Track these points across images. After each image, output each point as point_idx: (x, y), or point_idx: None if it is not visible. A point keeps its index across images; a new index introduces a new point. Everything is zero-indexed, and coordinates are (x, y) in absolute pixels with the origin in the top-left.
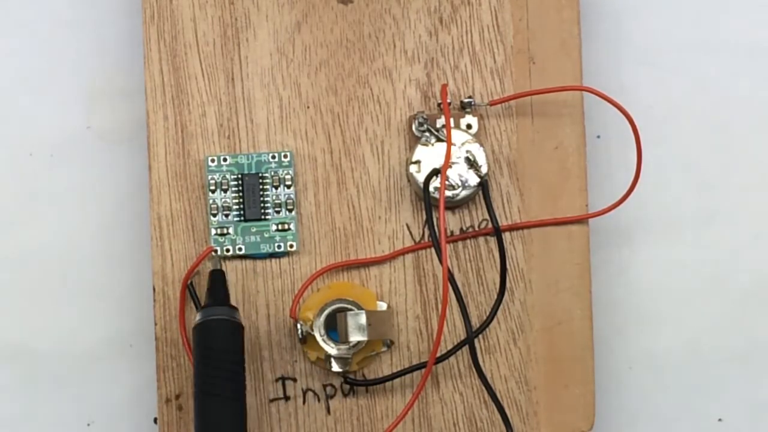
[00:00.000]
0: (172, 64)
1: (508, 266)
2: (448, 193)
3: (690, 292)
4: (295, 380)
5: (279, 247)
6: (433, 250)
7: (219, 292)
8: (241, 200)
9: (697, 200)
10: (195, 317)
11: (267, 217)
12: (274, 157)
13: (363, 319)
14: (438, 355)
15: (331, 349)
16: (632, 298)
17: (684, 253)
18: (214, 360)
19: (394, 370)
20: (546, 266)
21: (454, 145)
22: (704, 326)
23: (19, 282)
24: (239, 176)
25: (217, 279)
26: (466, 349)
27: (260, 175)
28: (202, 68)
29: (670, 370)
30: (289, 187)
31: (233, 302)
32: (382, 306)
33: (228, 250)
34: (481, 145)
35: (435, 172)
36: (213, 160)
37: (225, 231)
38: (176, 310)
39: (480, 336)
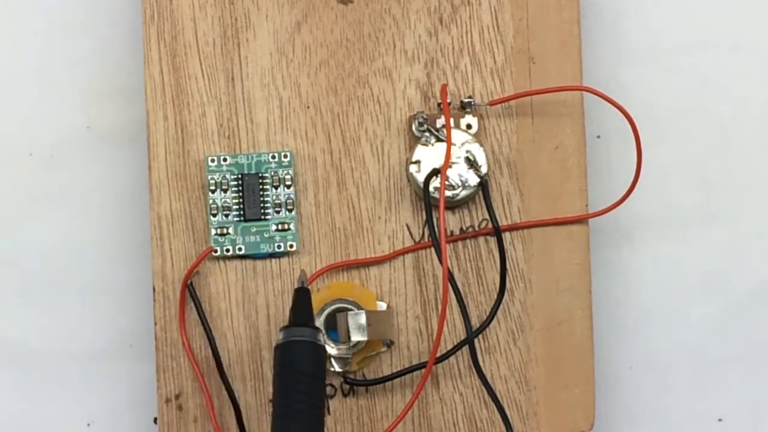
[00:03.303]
0: (172, 64)
1: (508, 266)
2: (448, 193)
3: (690, 291)
4: None
5: (279, 247)
6: (433, 250)
7: (303, 312)
8: (241, 200)
9: (697, 200)
10: (278, 336)
11: (267, 217)
12: (274, 157)
13: (363, 319)
14: (438, 355)
15: (331, 349)
16: (632, 298)
17: (684, 253)
18: (295, 382)
19: (394, 370)
20: (546, 266)
21: (454, 145)
22: (704, 326)
23: (19, 282)
24: (239, 176)
25: (302, 298)
26: (466, 349)
27: (260, 175)
28: (202, 68)
29: (670, 370)
30: (289, 187)
31: (233, 301)
32: (382, 306)
33: (228, 250)
34: (481, 145)
35: (435, 172)
36: (213, 160)
37: (225, 231)
38: (176, 310)
39: (480, 336)
